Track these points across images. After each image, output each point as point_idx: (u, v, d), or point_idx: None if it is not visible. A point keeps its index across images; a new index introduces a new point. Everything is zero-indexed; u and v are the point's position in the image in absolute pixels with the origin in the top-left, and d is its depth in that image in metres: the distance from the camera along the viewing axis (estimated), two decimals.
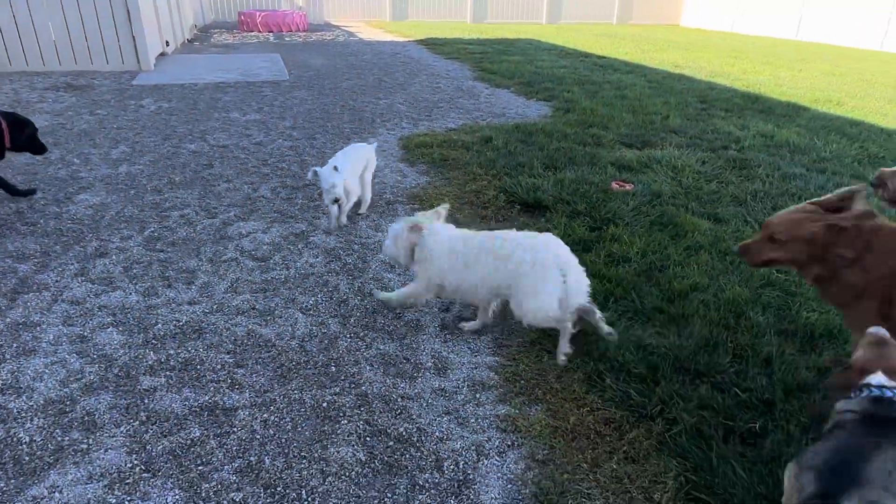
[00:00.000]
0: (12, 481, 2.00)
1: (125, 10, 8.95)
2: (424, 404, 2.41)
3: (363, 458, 2.13)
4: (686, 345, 2.70)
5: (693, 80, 9.68)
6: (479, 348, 2.78)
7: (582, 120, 6.66)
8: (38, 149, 4.19)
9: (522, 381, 2.54)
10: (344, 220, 3.99)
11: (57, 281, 3.23)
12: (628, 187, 4.59)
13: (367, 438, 2.23)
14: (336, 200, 3.75)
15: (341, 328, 2.89)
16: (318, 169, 3.79)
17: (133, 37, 9.18)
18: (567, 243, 3.32)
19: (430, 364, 2.66)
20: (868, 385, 1.59)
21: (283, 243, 3.73)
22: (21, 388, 2.43)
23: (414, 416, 2.34)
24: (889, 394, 1.56)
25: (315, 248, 3.69)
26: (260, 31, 16.21)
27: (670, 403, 2.35)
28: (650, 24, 23.75)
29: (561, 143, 5.73)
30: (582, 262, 3.24)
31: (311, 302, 3.10)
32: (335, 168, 3.72)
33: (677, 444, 2.17)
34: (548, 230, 3.80)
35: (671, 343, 2.71)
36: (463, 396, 2.47)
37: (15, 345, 2.69)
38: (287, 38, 14.96)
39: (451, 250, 2.75)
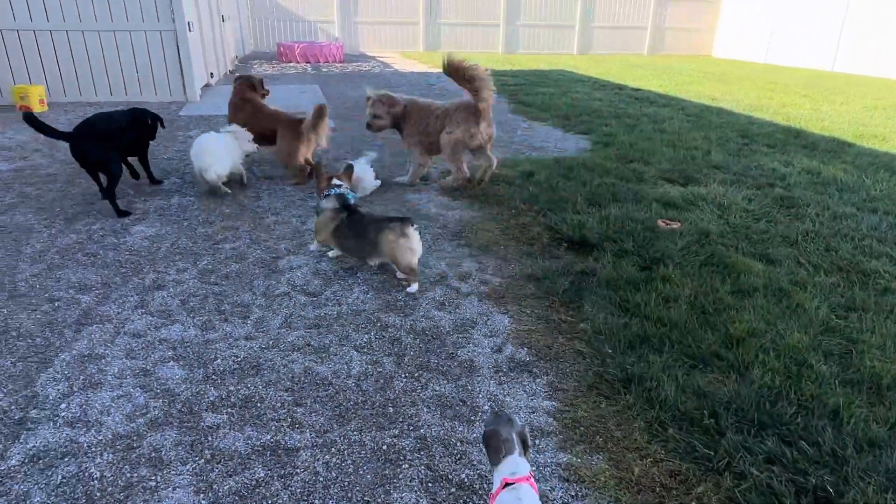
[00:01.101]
0: None
1: (175, 46, 9.31)
2: (484, 450, 2.39)
3: None
4: (748, 393, 2.64)
5: (731, 113, 9.62)
6: (535, 391, 2.76)
7: (622, 154, 6.66)
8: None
9: (582, 428, 2.52)
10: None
11: (118, 313, 3.32)
12: (675, 226, 4.55)
13: (429, 484, 2.22)
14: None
15: (396, 367, 2.91)
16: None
17: (181, 70, 9.52)
18: (617, 282, 3.31)
19: (486, 407, 2.65)
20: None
21: (333, 278, 3.78)
22: (90, 421, 2.49)
23: (475, 462, 2.33)
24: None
25: (365, 283, 3.73)
26: (298, 62, 16.67)
27: (737, 456, 2.30)
28: (682, 54, 23.77)
29: (603, 178, 5.74)
30: (633, 303, 3.24)
31: (364, 339, 3.13)
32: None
33: (748, 502, 2.11)
34: (596, 269, 3.80)
35: (732, 391, 2.67)
36: None
37: (82, 377, 2.76)
38: (324, 69, 15.35)
39: None
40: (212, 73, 11.50)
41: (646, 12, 23.37)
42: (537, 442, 2.44)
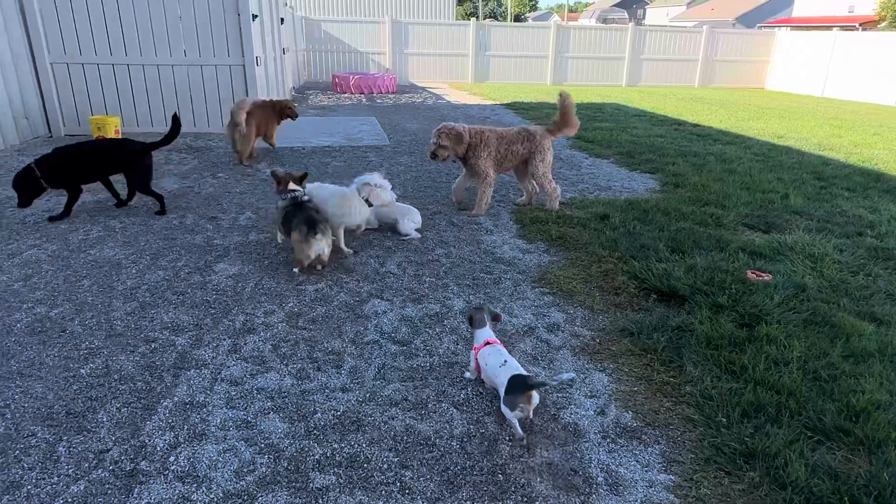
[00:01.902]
0: None
1: (243, 79, 9.60)
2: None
3: None
4: (884, 477, 2.45)
5: (802, 153, 9.34)
6: (649, 462, 2.62)
7: (695, 197, 6.49)
8: None
9: None
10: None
11: (213, 357, 3.32)
12: (766, 277, 4.37)
13: None
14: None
15: (499, 429, 2.81)
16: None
17: None
18: (718, 341, 3.17)
19: (600, 479, 2.52)
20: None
21: (420, 326, 3.73)
22: (199, 477, 2.46)
23: None
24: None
25: (453, 332, 3.66)
26: (352, 93, 17.02)
27: None
28: (734, 86, 23.41)
29: (680, 223, 5.58)
30: (739, 365, 3.09)
31: (462, 396, 3.05)
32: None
33: None
34: (692, 325, 3.65)
35: (867, 473, 2.48)
36: None
37: (186, 427, 2.75)
38: (378, 101, 15.61)
39: None
40: None
41: (697, 44, 23.17)
42: None
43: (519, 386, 2.73)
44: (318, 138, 9.72)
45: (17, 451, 2.58)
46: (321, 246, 4.27)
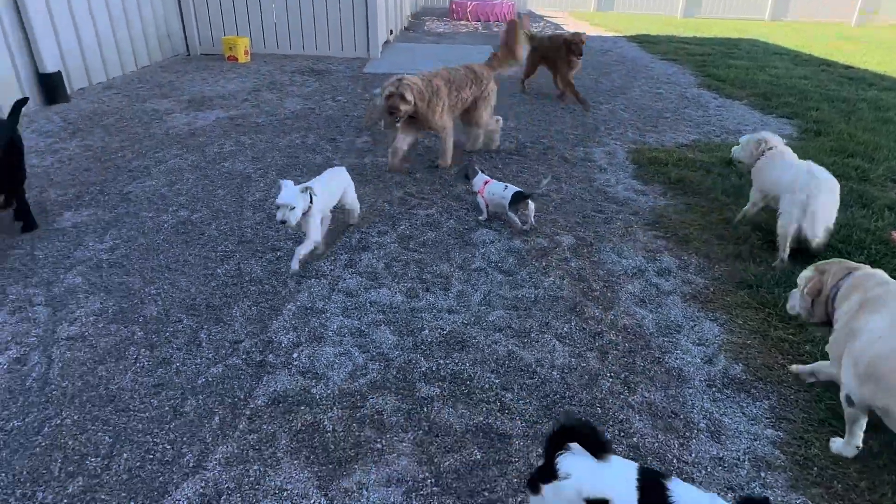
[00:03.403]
0: (324, 467, 2.22)
1: (364, 4, 9.64)
2: (704, 473, 2.26)
3: None
4: None
5: None
6: (757, 416, 2.55)
7: (838, 147, 5.87)
8: None
9: (816, 470, 2.28)
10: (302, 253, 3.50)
11: (331, 270, 3.55)
12: None
13: None
14: (283, 223, 3.27)
15: (600, 365, 2.83)
16: (287, 182, 3.32)
17: (367, 28, 9.87)
18: None
19: (702, 425, 2.49)
20: None
21: (527, 258, 3.75)
22: (318, 374, 2.70)
23: (697, 485, 2.20)
24: None
25: (559, 269, 3.66)
26: (469, 21, 16.63)
27: None
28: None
29: None
30: None
31: (565, 329, 3.08)
32: (308, 190, 3.36)
33: None
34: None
35: None
36: (746, 472, 2.27)
37: (307, 329, 3.01)
38: (495, 29, 15.15)
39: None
40: (391, 31, 11.81)
41: None
42: (762, 475, 2.26)
43: (518, 197, 3.94)
44: (433, 65, 9.66)
45: (168, 333, 2.95)
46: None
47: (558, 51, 7.44)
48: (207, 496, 2.09)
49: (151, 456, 2.26)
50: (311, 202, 3.38)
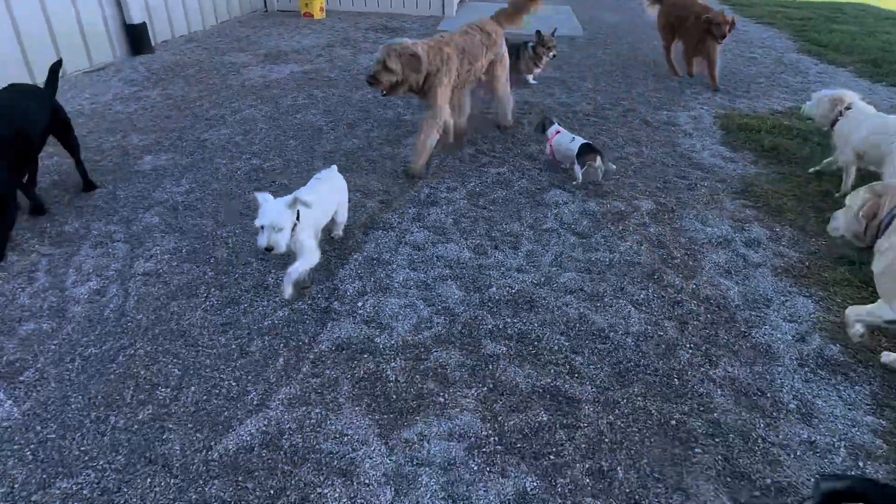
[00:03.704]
0: (385, 416, 2.18)
1: None
2: (793, 456, 2.07)
3: (726, 502, 1.90)
4: None
5: None
6: (855, 401, 2.31)
7: None
8: None
9: None
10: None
11: (399, 223, 3.49)
12: None
13: (728, 479, 1.98)
14: (269, 249, 2.51)
15: (679, 335, 2.64)
16: (267, 196, 2.57)
17: None
18: None
19: (792, 406, 2.29)
20: None
21: (602, 221, 3.56)
22: (382, 324, 2.65)
23: (785, 468, 2.02)
24: None
25: (636, 234, 3.45)
26: None
27: None
28: None
29: None
30: None
31: (642, 296, 2.89)
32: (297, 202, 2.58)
33: None
34: None
35: None
36: (841, 460, 2.07)
37: (373, 279, 2.96)
38: None
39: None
40: None
41: None
42: (860, 464, 2.04)
43: (585, 149, 3.86)
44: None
45: (237, 275, 2.97)
46: None
47: (693, 27, 6.09)
48: (270, 434, 2.09)
49: (217, 391, 2.28)
50: (297, 218, 2.62)
